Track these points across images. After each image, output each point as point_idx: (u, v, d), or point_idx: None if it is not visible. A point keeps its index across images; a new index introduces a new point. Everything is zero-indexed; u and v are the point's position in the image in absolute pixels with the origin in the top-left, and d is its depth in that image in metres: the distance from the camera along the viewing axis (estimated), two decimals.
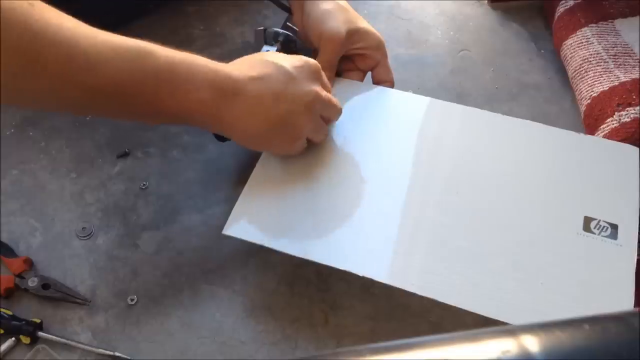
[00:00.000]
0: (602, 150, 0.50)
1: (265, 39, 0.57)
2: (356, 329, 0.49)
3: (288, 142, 0.48)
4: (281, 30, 0.57)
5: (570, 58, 0.64)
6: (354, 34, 0.55)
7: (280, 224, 0.47)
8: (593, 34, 0.63)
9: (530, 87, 0.67)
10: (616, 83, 0.58)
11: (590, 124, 0.58)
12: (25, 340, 0.48)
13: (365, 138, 0.53)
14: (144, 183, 0.58)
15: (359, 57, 0.58)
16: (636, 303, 0.42)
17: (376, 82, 0.59)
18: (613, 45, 0.62)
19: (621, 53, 0.61)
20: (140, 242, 0.54)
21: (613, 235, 0.44)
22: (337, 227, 0.47)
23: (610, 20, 0.65)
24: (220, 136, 0.55)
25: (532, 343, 0.19)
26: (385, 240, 0.46)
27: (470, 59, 0.70)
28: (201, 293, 0.51)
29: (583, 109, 0.60)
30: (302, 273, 0.52)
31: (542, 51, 0.71)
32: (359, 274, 0.44)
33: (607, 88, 0.58)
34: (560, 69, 0.67)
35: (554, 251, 0.44)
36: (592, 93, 0.59)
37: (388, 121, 0.54)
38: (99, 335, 0.48)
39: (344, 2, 0.57)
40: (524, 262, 0.44)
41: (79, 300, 0.50)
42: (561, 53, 0.66)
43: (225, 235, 0.47)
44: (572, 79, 0.63)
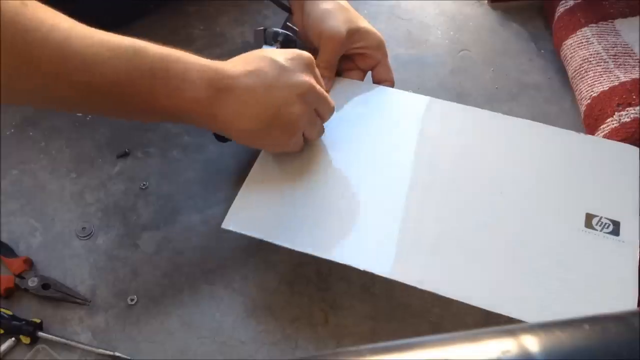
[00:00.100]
0: (603, 149, 0.50)
1: (265, 39, 0.57)
2: (356, 328, 0.49)
3: (284, 137, 0.47)
4: (281, 30, 0.57)
5: (570, 58, 0.64)
6: (354, 33, 0.55)
7: (280, 218, 0.47)
8: (593, 34, 0.63)
9: (530, 87, 0.67)
10: (616, 83, 0.58)
11: (590, 124, 0.58)
12: (25, 340, 0.48)
13: (365, 137, 0.53)
14: (144, 183, 0.58)
15: (359, 57, 0.58)
16: (639, 299, 0.42)
17: (376, 82, 0.59)
18: (613, 45, 0.62)
19: (621, 53, 0.61)
20: (140, 242, 0.54)
21: (615, 232, 0.44)
22: (338, 222, 0.47)
23: (610, 20, 0.65)
24: (221, 137, 0.55)
25: (532, 343, 0.19)
26: (386, 235, 0.45)
27: (470, 59, 0.70)
28: (201, 293, 0.51)
29: (583, 109, 0.60)
30: (302, 272, 0.52)
31: (542, 51, 0.71)
32: (360, 268, 0.44)
33: (607, 88, 0.58)
34: (560, 69, 0.67)
35: (556, 247, 0.44)
36: (592, 93, 0.59)
37: (388, 120, 0.54)
38: (99, 335, 0.48)
39: (344, 2, 0.57)
40: (525, 258, 0.44)
41: (79, 300, 0.50)
42: (561, 53, 0.66)
43: (224, 234, 0.47)
44: (572, 79, 0.63)
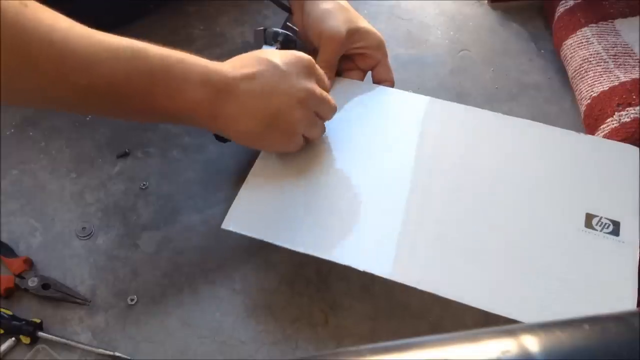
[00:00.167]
0: (603, 149, 0.50)
1: (265, 39, 0.57)
2: (356, 329, 0.49)
3: (284, 140, 0.48)
4: (281, 30, 0.57)
5: (570, 58, 0.64)
6: (354, 33, 0.55)
7: (279, 218, 0.47)
8: (593, 34, 0.63)
9: (530, 87, 0.67)
10: (616, 83, 0.58)
11: (590, 124, 0.58)
12: (25, 340, 0.48)
13: (365, 137, 0.53)
14: (144, 183, 0.58)
15: (359, 57, 0.58)
16: (639, 299, 0.42)
17: (376, 82, 0.59)
18: (613, 45, 0.62)
19: (621, 53, 0.61)
20: (140, 242, 0.54)
21: (615, 232, 0.44)
22: (338, 223, 0.47)
23: (610, 20, 0.65)
24: (221, 137, 0.55)
25: (532, 343, 0.19)
26: (386, 236, 0.45)
27: (470, 58, 0.70)
28: (201, 293, 0.51)
29: (583, 109, 0.60)
30: (303, 273, 0.52)
31: (542, 51, 0.71)
32: (360, 269, 0.44)
33: (607, 88, 0.58)
34: (560, 69, 0.67)
35: (556, 248, 0.44)
36: (592, 93, 0.59)
37: (388, 120, 0.54)
38: (99, 335, 0.48)
39: (344, 2, 0.57)
40: (525, 259, 0.44)
41: (79, 300, 0.50)
42: (561, 53, 0.66)
43: (224, 234, 0.47)
44: (572, 79, 0.63)
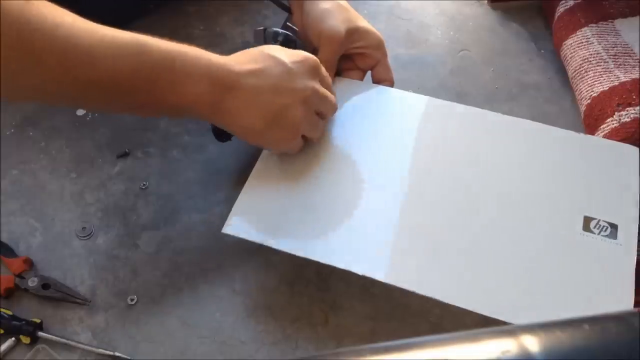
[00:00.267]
0: (602, 150, 0.50)
1: (265, 39, 0.56)
2: (356, 329, 0.49)
3: (285, 138, 0.47)
4: (281, 30, 0.57)
5: (570, 58, 0.64)
6: (354, 32, 0.55)
7: (279, 222, 0.47)
8: (593, 34, 0.63)
9: (530, 87, 0.67)
10: (616, 83, 0.58)
11: (590, 124, 0.58)
12: (25, 340, 0.48)
13: (365, 137, 0.53)
14: (144, 183, 0.58)
15: (359, 56, 0.58)
16: (636, 303, 0.42)
17: (376, 81, 0.59)
18: (613, 45, 0.62)
19: (621, 53, 0.61)
20: (140, 242, 0.54)
21: (613, 235, 0.44)
22: (337, 226, 0.47)
23: (610, 20, 0.65)
24: (221, 136, 0.56)
25: (532, 343, 0.19)
26: (384, 239, 0.45)
27: (470, 58, 0.70)
28: (201, 293, 0.51)
29: (583, 109, 0.60)
30: (303, 273, 0.52)
31: (542, 51, 0.71)
32: (359, 272, 0.44)
33: (607, 88, 0.58)
34: (560, 69, 0.67)
35: (554, 251, 0.44)
36: (592, 93, 0.59)
37: (388, 120, 0.54)
38: (99, 335, 0.48)
39: (344, 2, 0.57)
40: (523, 262, 0.44)
41: (79, 300, 0.50)
42: (561, 53, 0.66)
43: (224, 234, 0.47)
44: (572, 79, 0.63)
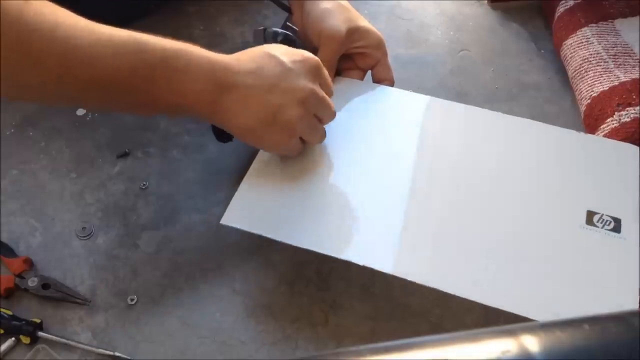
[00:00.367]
0: (603, 148, 0.50)
1: (265, 39, 0.56)
2: (356, 329, 0.49)
3: (282, 139, 0.47)
4: (280, 30, 0.57)
5: (570, 58, 0.64)
6: (354, 32, 0.55)
7: (279, 214, 0.47)
8: (593, 34, 0.63)
9: (530, 87, 0.67)
10: (616, 83, 0.58)
11: (590, 124, 0.58)
12: (25, 340, 0.48)
13: (365, 136, 0.53)
14: (144, 183, 0.58)
15: (359, 56, 0.58)
16: None
17: (376, 81, 0.59)
18: (613, 45, 0.62)
19: (621, 53, 0.61)
20: (140, 242, 0.54)
21: (616, 229, 0.44)
22: (339, 218, 0.47)
23: (610, 20, 0.65)
24: (220, 136, 0.55)
25: (532, 343, 0.19)
26: (387, 231, 0.45)
27: (470, 58, 0.70)
28: (201, 293, 0.51)
29: (583, 109, 0.60)
30: (303, 272, 0.52)
31: (542, 51, 0.71)
32: (360, 263, 0.43)
33: (607, 88, 0.58)
34: (560, 69, 0.67)
35: (557, 244, 0.44)
36: (592, 93, 0.59)
37: (388, 119, 0.54)
38: (99, 335, 0.48)
39: (344, 1, 0.57)
40: (527, 255, 0.44)
41: (79, 300, 0.50)
42: (561, 53, 0.66)
43: (224, 234, 0.47)
44: (572, 79, 0.63)
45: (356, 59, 0.59)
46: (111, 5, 0.64)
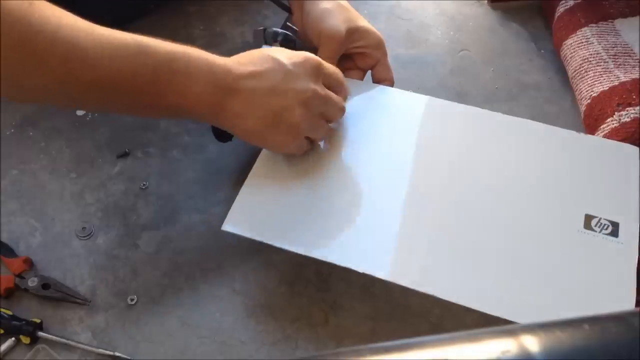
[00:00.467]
0: (603, 149, 0.50)
1: (265, 39, 0.57)
2: (356, 329, 0.49)
3: (287, 140, 0.47)
4: (280, 30, 0.57)
5: (570, 58, 0.64)
6: (354, 32, 0.55)
7: (280, 220, 0.47)
8: (593, 34, 0.63)
9: (530, 87, 0.67)
10: (616, 83, 0.58)
11: (590, 124, 0.58)
12: (25, 340, 0.48)
13: (365, 136, 0.53)
14: (144, 183, 0.58)
15: (359, 56, 0.58)
16: (637, 302, 0.41)
17: (376, 81, 0.59)
18: (613, 45, 0.62)
19: (621, 53, 0.61)
20: (140, 242, 0.54)
21: (614, 233, 0.44)
22: (338, 224, 0.47)
23: (610, 20, 0.65)
24: (220, 136, 0.56)
25: (532, 343, 0.19)
26: (386, 238, 0.45)
27: (470, 58, 0.70)
28: (201, 293, 0.51)
29: (583, 109, 0.60)
30: (303, 273, 0.52)
31: (542, 51, 0.71)
32: (359, 270, 0.44)
33: (607, 88, 0.58)
34: (560, 69, 0.67)
35: (555, 249, 0.44)
36: (592, 93, 0.59)
37: (388, 119, 0.54)
38: (99, 335, 0.48)
39: (344, 1, 0.57)
40: (524, 260, 0.43)
41: (79, 300, 0.50)
42: (561, 53, 0.66)
43: (224, 234, 0.47)
44: (572, 79, 0.63)
45: (356, 59, 0.59)
46: (110, 6, 0.64)
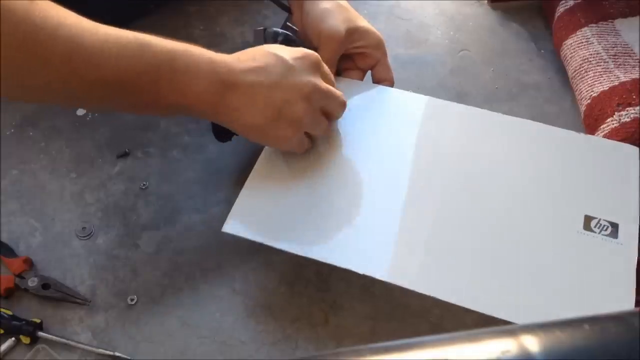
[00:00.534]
0: (602, 150, 0.50)
1: (265, 39, 0.56)
2: (356, 329, 0.49)
3: (288, 134, 0.47)
4: (280, 30, 0.57)
5: (570, 58, 0.64)
6: (354, 32, 0.55)
7: (280, 222, 0.47)
8: (593, 34, 0.63)
9: (530, 87, 0.67)
10: (616, 83, 0.58)
11: (590, 124, 0.58)
12: (25, 340, 0.48)
13: (365, 136, 0.53)
14: (144, 183, 0.58)
15: (359, 56, 0.58)
16: (637, 302, 0.41)
17: (376, 81, 0.59)
18: (613, 45, 0.62)
19: (621, 53, 0.61)
20: (140, 242, 0.54)
21: (614, 234, 0.44)
22: (337, 226, 0.47)
23: (610, 20, 0.65)
24: (220, 136, 0.55)
25: (532, 343, 0.19)
26: (385, 239, 0.45)
27: (470, 58, 0.70)
28: (201, 293, 0.51)
29: (583, 109, 0.60)
30: (303, 273, 0.52)
31: (542, 51, 0.71)
32: (359, 272, 0.44)
33: (607, 88, 0.58)
34: (560, 69, 0.67)
35: (554, 250, 0.44)
36: (592, 93, 0.59)
37: (388, 120, 0.54)
38: (99, 335, 0.48)
39: (344, 2, 0.57)
40: (523, 261, 0.43)
41: (79, 300, 0.50)
42: (561, 53, 0.66)
43: (224, 234, 0.47)
44: (572, 79, 0.63)
45: (356, 59, 0.58)
46: (110, 5, 0.64)
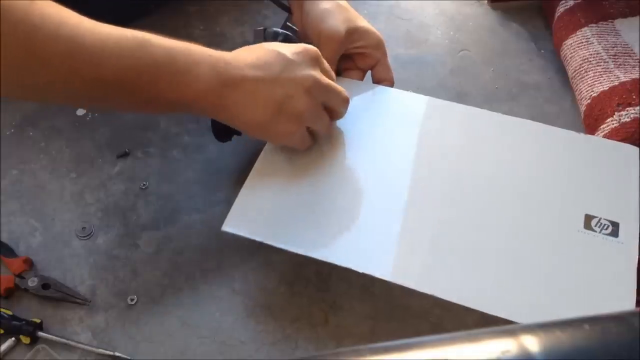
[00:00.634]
0: (603, 149, 0.50)
1: (265, 39, 0.56)
2: (356, 329, 0.49)
3: (288, 129, 0.47)
4: (280, 30, 0.57)
5: (570, 58, 0.64)
6: (354, 32, 0.55)
7: (280, 221, 0.47)
8: (593, 34, 0.63)
9: (530, 87, 0.67)
10: (616, 83, 0.58)
11: (590, 124, 0.58)
12: (25, 340, 0.48)
13: (365, 136, 0.53)
14: (144, 183, 0.58)
15: (359, 56, 0.58)
16: (637, 302, 0.41)
17: (376, 81, 0.59)
18: (613, 45, 0.62)
19: (621, 53, 0.61)
20: (140, 242, 0.54)
21: (614, 233, 0.44)
22: (339, 225, 0.47)
23: (610, 20, 0.65)
24: (220, 136, 0.55)
25: (532, 343, 0.19)
26: (387, 238, 0.45)
27: (470, 58, 0.70)
28: (201, 292, 0.51)
29: (583, 109, 0.60)
30: (303, 273, 0.52)
31: (542, 51, 0.71)
32: (361, 271, 0.44)
33: (607, 88, 0.58)
34: (560, 69, 0.67)
35: (555, 249, 0.44)
36: (592, 93, 0.59)
37: (388, 120, 0.54)
38: (99, 335, 0.48)
39: (344, 2, 0.57)
40: (524, 260, 0.44)
41: (79, 300, 0.50)
42: (561, 53, 0.66)
43: (224, 233, 0.47)
44: (572, 79, 0.63)
45: (356, 59, 0.58)
46: (110, 5, 0.64)
